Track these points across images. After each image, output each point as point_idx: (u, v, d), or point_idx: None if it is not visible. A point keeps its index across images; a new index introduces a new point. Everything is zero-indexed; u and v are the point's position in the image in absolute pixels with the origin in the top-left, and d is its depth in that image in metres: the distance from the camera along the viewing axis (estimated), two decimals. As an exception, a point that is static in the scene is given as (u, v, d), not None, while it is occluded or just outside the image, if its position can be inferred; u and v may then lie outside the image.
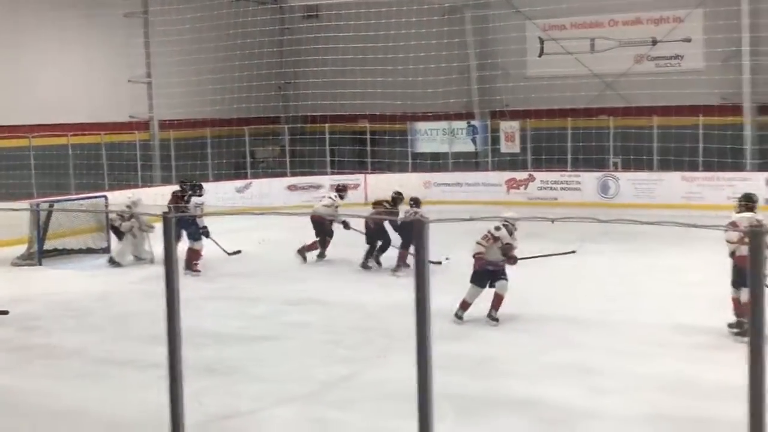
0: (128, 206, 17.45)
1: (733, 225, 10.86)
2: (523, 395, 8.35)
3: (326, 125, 28.91)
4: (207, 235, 16.19)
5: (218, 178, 26.62)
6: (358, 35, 27.52)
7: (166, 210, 14.03)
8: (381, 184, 26.72)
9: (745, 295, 11.24)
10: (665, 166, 25.55)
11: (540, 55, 28.61)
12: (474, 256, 11.65)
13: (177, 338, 4.18)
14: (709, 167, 25.09)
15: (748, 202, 11.27)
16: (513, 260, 11.71)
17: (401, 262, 15.26)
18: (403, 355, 9.48)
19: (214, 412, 8.05)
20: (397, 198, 16.44)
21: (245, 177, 27.73)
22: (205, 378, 8.86)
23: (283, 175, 28.34)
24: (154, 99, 27.58)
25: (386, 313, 11.94)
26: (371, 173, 28.04)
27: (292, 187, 27.28)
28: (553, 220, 5.52)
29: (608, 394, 8.36)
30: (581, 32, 27.88)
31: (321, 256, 17.09)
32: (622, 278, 14.69)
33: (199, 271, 15.94)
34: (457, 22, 28.69)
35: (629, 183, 25.61)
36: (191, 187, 17.25)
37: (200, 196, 16.72)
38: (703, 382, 8.46)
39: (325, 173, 28.25)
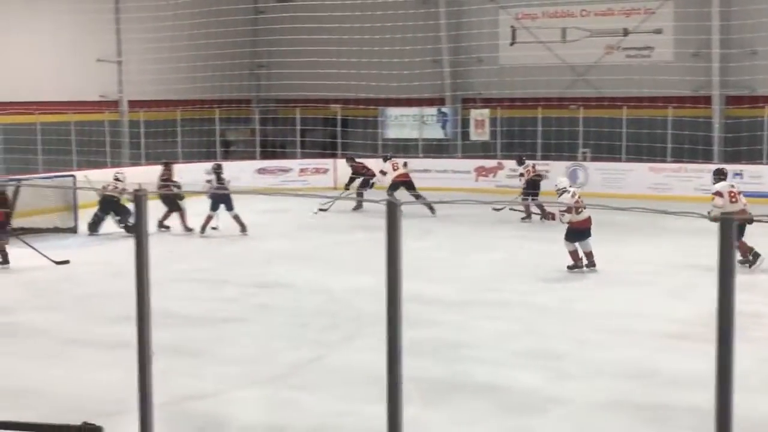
0: (118, 179, 18.38)
1: (718, 193, 13.82)
2: (487, 380, 8.43)
3: (297, 109, 28.85)
4: None
5: (188, 159, 26.44)
6: (333, 17, 27.48)
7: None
8: (350, 169, 26.70)
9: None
10: (634, 156, 25.75)
11: (512, 44, 28.68)
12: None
13: (147, 317, 4.16)
14: (677, 158, 25.31)
15: (720, 175, 14.51)
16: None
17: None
18: (371, 339, 9.57)
19: (179, 393, 8.01)
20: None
21: (215, 159, 27.56)
22: (170, 359, 8.81)
23: (253, 158, 28.24)
24: (124, 78, 27.32)
25: (353, 297, 11.95)
26: (341, 158, 27.97)
27: (261, 171, 27.17)
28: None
29: (571, 380, 8.46)
30: (553, 21, 27.97)
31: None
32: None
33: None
34: (432, 8, 28.66)
35: (598, 172, 25.74)
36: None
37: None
38: (663, 369, 8.59)
39: (295, 157, 28.21)
